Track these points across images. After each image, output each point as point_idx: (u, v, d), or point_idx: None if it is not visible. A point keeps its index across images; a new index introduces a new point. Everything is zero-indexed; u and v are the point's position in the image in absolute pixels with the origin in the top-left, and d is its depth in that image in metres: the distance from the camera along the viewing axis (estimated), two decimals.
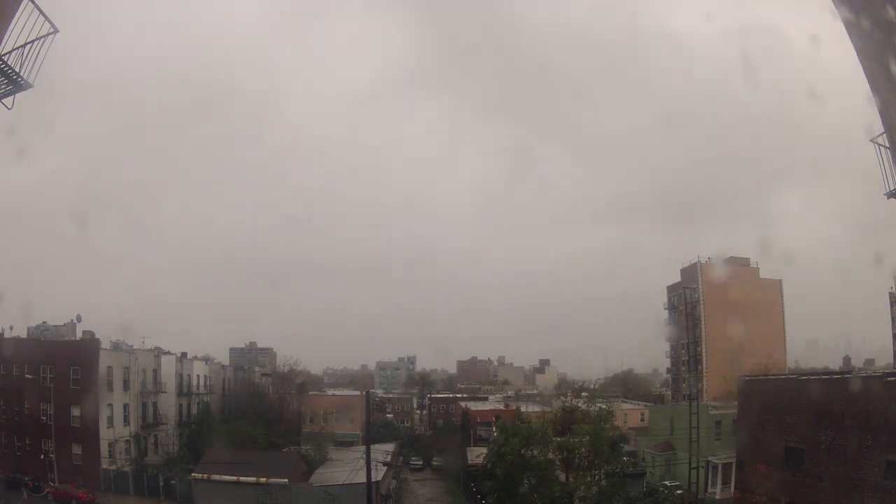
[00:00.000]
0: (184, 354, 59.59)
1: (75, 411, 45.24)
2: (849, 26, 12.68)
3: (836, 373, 32.76)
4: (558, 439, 37.92)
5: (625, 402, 68.83)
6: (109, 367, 47.93)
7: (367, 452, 32.51)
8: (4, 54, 10.89)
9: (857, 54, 12.79)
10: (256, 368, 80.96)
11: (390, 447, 55.86)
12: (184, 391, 56.92)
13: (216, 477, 40.18)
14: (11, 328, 54.99)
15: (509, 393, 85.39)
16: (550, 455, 36.84)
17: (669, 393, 75.77)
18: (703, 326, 62.26)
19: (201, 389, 59.94)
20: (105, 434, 46.16)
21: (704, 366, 60.09)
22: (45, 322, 69.30)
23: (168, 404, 54.18)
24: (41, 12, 10.80)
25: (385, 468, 45.93)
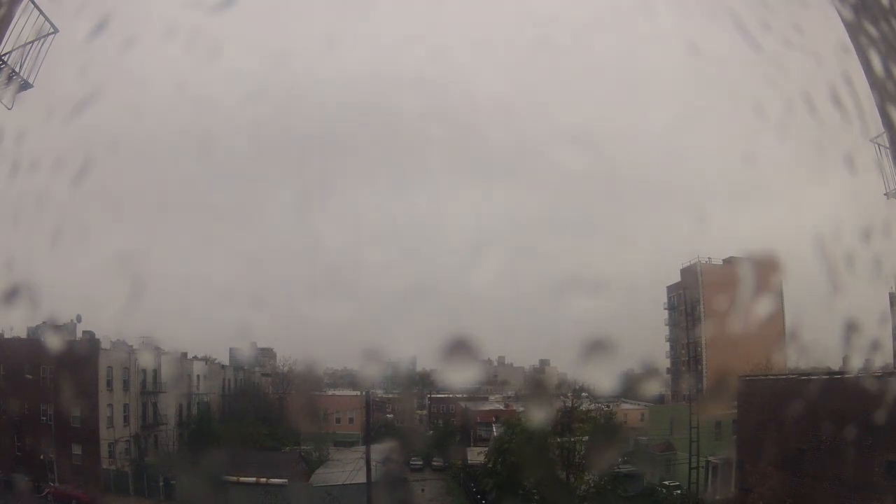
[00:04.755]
0: (184, 354, 59.57)
1: (75, 411, 45.24)
2: (849, 26, 12.69)
3: (836, 373, 32.77)
4: (558, 439, 38.04)
5: (625, 402, 68.73)
6: (109, 367, 47.99)
7: (367, 452, 32.57)
8: (4, 54, 10.89)
9: (858, 54, 12.81)
10: (256, 368, 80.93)
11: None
12: (184, 391, 56.92)
13: (216, 477, 40.18)
14: (12, 328, 54.93)
15: (509, 393, 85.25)
16: (551, 455, 36.98)
17: (669, 393, 75.72)
18: (702, 326, 62.23)
19: (201, 389, 59.95)
20: (105, 434, 46.19)
21: (704, 366, 60.10)
22: (45, 322, 69.16)
23: (168, 404, 54.21)
24: (41, 12, 10.81)
25: (385, 468, 45.92)
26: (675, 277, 69.94)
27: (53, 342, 46.82)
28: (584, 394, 54.42)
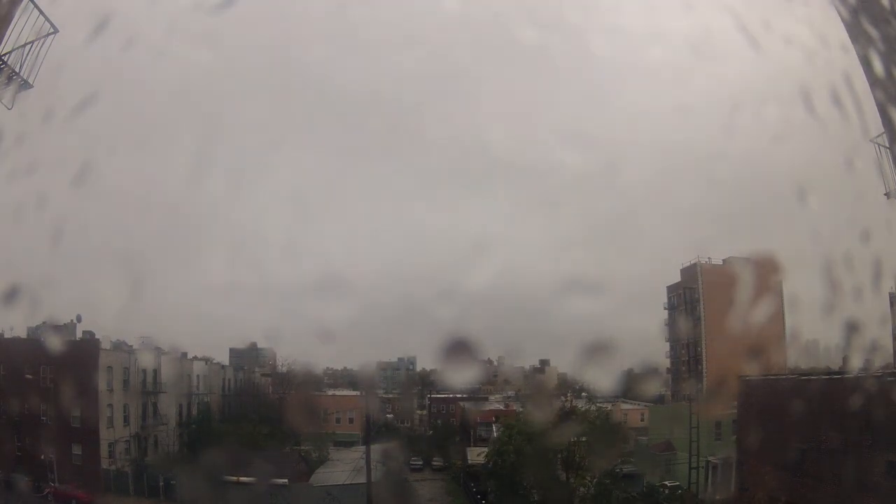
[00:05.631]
0: (184, 354, 59.62)
1: (75, 411, 45.26)
2: (849, 27, 12.69)
3: (836, 373, 32.80)
4: (558, 439, 38.05)
5: (625, 402, 68.71)
6: (109, 367, 48.05)
7: (367, 452, 32.60)
8: (4, 54, 10.88)
9: (858, 54, 12.81)
10: (256, 369, 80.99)
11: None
12: (184, 391, 56.98)
13: (216, 477, 40.16)
14: (12, 328, 54.93)
15: (509, 393, 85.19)
16: (550, 455, 37.03)
17: (669, 393, 75.72)
18: (702, 326, 62.26)
19: (201, 389, 60.01)
20: (105, 434, 46.24)
21: (704, 366, 60.13)
22: (45, 322, 69.11)
23: (168, 404, 54.26)
24: (41, 12, 10.79)
25: (385, 468, 45.96)
26: (675, 278, 70.03)
27: (53, 342, 46.86)
28: (583, 394, 54.54)
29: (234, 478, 39.77)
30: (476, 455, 49.88)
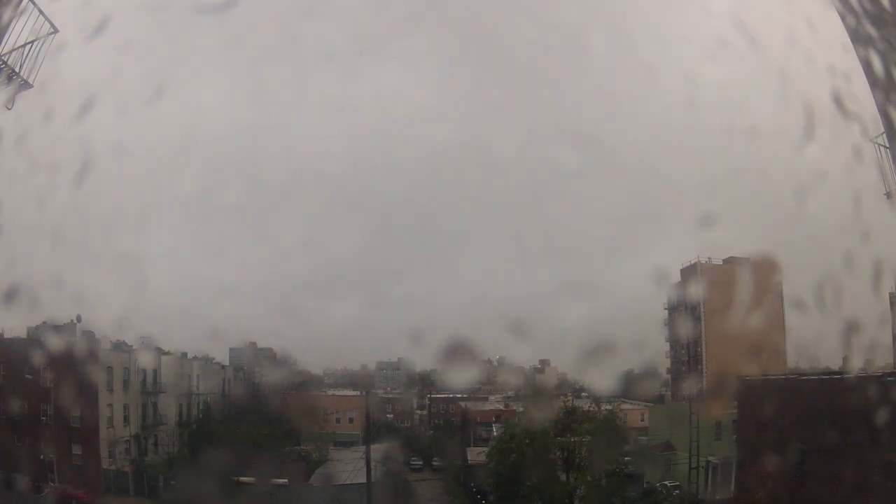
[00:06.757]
0: (184, 354, 59.61)
1: (75, 411, 45.28)
2: (849, 26, 12.71)
3: (836, 373, 32.82)
4: (559, 439, 38.15)
5: (625, 402, 68.67)
6: (109, 367, 48.07)
7: (367, 452, 32.62)
8: (4, 54, 10.88)
9: (858, 54, 12.82)
10: (256, 368, 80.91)
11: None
12: (184, 391, 56.99)
13: (216, 477, 40.14)
14: (12, 329, 54.90)
15: (509, 393, 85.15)
16: (551, 455, 37.09)
17: (669, 393, 75.69)
18: (702, 326, 62.20)
19: (201, 389, 60.01)
20: (105, 434, 46.26)
21: (704, 366, 60.09)
22: (45, 322, 69.06)
23: (168, 404, 54.28)
24: (41, 12, 10.80)
25: (385, 468, 45.96)
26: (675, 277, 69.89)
27: (53, 342, 46.82)
28: (583, 394, 54.51)
29: (235, 478, 39.78)
30: (476, 455, 49.91)
